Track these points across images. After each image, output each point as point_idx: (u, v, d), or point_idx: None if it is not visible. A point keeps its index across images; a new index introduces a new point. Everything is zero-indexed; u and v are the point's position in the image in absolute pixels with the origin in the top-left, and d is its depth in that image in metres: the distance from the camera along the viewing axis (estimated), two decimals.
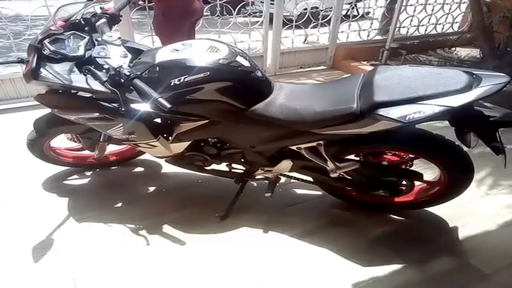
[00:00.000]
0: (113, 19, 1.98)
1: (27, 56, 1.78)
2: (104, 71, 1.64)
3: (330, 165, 1.89)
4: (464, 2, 5.67)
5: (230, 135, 1.95)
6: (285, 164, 2.02)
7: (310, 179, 2.18)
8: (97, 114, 1.80)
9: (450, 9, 5.61)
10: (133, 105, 1.73)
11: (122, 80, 1.54)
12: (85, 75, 1.70)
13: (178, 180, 2.60)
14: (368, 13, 5.43)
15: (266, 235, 2.10)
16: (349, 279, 1.83)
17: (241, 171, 2.23)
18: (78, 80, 1.71)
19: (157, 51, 1.78)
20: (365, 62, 5.05)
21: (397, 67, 1.73)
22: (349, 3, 5.51)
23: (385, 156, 2.01)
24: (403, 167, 2.01)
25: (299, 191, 2.46)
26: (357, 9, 5.91)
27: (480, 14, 4.54)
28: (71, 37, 1.83)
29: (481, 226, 2.15)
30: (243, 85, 1.74)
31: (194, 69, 1.64)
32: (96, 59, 1.76)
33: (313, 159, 1.90)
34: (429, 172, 2.13)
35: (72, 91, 1.77)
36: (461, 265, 1.90)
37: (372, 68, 4.63)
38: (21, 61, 1.80)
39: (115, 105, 1.76)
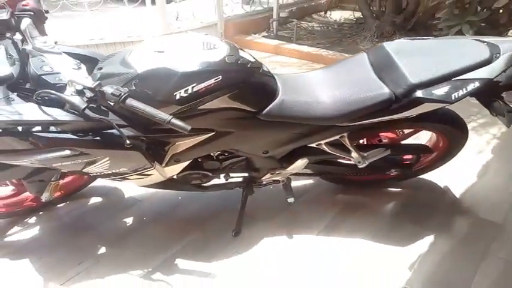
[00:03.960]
0: (39, 17, 1.47)
1: None
2: (73, 93, 1.28)
3: (355, 156, 1.81)
4: None
5: (240, 145, 1.73)
6: (300, 163, 1.87)
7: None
8: (68, 152, 1.38)
9: None
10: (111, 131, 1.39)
11: (112, 103, 1.23)
12: (38, 102, 1.32)
13: (153, 202, 2.23)
14: None
15: (292, 240, 1.97)
16: (398, 261, 1.84)
17: (241, 178, 2.03)
18: (29, 111, 1.30)
19: (129, 55, 1.45)
20: (256, 35, 5.00)
21: (403, 42, 1.74)
22: None
23: (381, 135, 2.05)
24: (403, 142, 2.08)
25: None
26: None
27: None
28: None
29: (466, 182, 2.33)
30: (255, 85, 1.55)
31: (201, 74, 1.38)
32: (42, 76, 1.37)
33: (335, 153, 1.81)
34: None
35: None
36: (476, 221, 2.07)
37: (266, 39, 4.69)
38: None
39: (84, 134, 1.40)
